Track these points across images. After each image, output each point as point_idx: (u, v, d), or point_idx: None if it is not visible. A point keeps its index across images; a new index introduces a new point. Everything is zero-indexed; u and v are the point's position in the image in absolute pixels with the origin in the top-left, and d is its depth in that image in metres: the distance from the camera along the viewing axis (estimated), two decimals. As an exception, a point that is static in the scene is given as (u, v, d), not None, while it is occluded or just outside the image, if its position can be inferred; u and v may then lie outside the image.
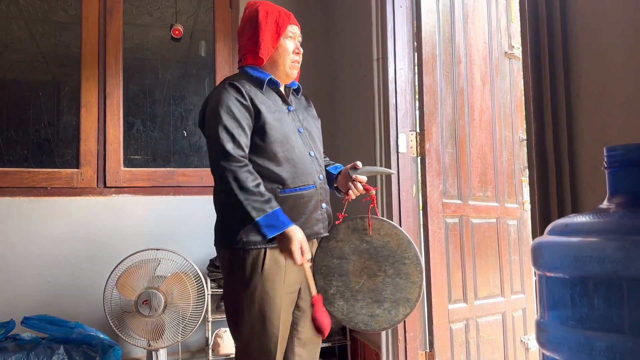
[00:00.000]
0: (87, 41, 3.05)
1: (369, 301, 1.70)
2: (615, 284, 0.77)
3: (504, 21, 2.99)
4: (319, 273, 1.74)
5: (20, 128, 2.95)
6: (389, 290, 1.69)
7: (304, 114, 1.87)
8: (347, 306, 1.71)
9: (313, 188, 1.72)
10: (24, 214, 2.81)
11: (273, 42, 1.75)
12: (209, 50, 3.32)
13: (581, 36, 1.35)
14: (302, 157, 1.73)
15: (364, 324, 1.71)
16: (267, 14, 1.76)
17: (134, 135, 3.13)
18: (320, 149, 1.87)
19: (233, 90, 1.66)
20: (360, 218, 1.74)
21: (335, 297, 1.72)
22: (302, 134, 1.79)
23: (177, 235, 2.99)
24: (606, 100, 1.27)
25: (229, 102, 1.64)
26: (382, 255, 1.70)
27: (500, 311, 2.79)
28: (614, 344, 0.76)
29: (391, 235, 1.71)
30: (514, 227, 2.96)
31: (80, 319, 2.66)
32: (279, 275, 1.66)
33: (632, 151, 0.87)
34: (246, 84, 1.71)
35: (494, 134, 2.86)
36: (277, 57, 1.76)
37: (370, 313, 1.70)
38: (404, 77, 2.52)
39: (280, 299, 1.65)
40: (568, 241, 0.85)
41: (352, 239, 1.73)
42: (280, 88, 1.82)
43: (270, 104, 1.72)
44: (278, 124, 1.69)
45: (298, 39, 1.82)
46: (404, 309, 1.68)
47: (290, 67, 1.79)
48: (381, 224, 1.73)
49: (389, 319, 1.69)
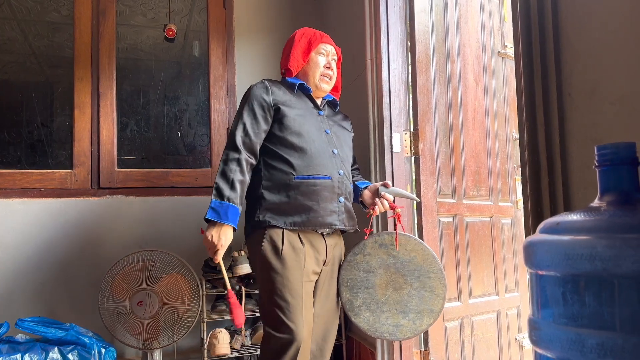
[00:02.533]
0: (80, 42, 3.03)
1: (394, 312, 1.80)
2: (606, 281, 0.77)
3: (497, 21, 3.00)
4: (345, 285, 1.83)
5: (13, 129, 2.94)
6: (414, 302, 1.80)
7: (337, 124, 2.03)
8: (373, 317, 1.80)
9: (328, 179, 1.83)
10: (17, 215, 2.79)
11: (304, 56, 1.96)
12: (202, 50, 3.32)
13: (572, 35, 1.36)
14: (321, 150, 1.86)
15: (389, 333, 1.81)
16: (303, 34, 1.99)
17: (128, 136, 3.12)
18: (348, 154, 2.00)
19: (260, 87, 1.88)
20: (387, 233, 1.85)
21: (361, 308, 1.81)
22: (329, 134, 1.93)
23: (171, 236, 2.99)
24: (597, 99, 1.28)
25: (252, 98, 1.86)
26: (408, 269, 1.81)
27: (494, 309, 2.80)
28: (605, 341, 0.76)
29: (417, 251, 1.82)
30: (508, 225, 2.98)
31: (75, 321, 2.65)
32: (298, 261, 1.76)
33: (622, 150, 0.88)
34: (277, 84, 1.92)
35: (487, 133, 2.87)
36: (307, 70, 1.97)
37: (395, 323, 1.80)
38: (397, 76, 2.53)
39: (300, 285, 1.74)
40: (559, 239, 0.85)
41: (379, 253, 1.84)
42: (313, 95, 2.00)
43: (297, 103, 1.90)
44: (299, 119, 1.86)
45: (332, 57, 2.01)
46: (428, 319, 1.80)
47: (320, 80, 1.97)
48: (408, 240, 1.84)
49: (413, 329, 1.80)
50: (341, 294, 1.83)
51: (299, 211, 1.78)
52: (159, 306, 2.49)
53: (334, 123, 2.03)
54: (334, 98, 2.09)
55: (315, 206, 1.79)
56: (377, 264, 1.83)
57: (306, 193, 1.79)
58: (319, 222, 1.80)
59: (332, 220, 1.83)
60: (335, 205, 1.84)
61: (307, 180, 1.80)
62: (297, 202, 1.78)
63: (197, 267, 2.82)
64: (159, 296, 2.50)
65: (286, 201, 1.78)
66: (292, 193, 1.78)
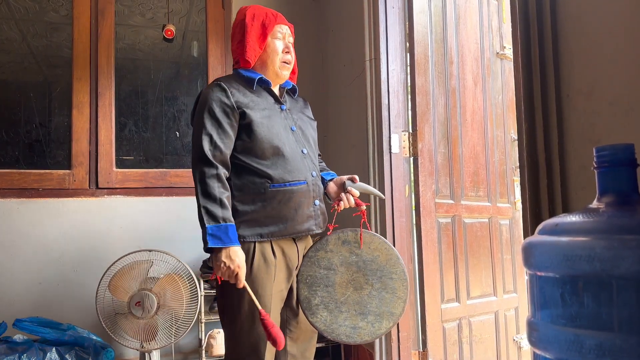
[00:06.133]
0: (79, 42, 3.03)
1: (353, 313, 1.71)
2: (604, 282, 0.77)
3: (495, 22, 3.01)
4: (304, 282, 1.73)
5: (12, 129, 2.93)
6: (374, 303, 1.71)
7: (299, 114, 1.87)
8: (331, 317, 1.71)
9: (304, 184, 1.72)
10: (15, 215, 2.79)
11: (260, 43, 1.76)
12: (201, 50, 3.31)
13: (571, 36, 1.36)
14: (293, 153, 1.73)
15: (346, 335, 1.71)
16: (254, 16, 1.76)
17: (126, 136, 3.12)
18: (314, 149, 1.87)
19: (218, 90, 1.68)
20: (351, 230, 1.74)
21: (319, 307, 1.71)
22: (295, 132, 1.79)
23: (169, 236, 2.98)
24: (595, 100, 1.28)
25: (212, 103, 1.66)
26: (370, 269, 1.72)
27: (492, 310, 2.80)
28: (603, 341, 0.76)
29: (381, 250, 1.73)
30: (506, 226, 2.98)
31: (73, 321, 2.65)
32: (269, 274, 1.66)
33: (621, 151, 0.88)
34: (235, 83, 1.72)
35: (485, 134, 2.87)
36: (265, 58, 1.77)
37: (353, 325, 1.71)
38: (396, 77, 2.53)
39: (269, 298, 1.65)
40: (558, 241, 0.85)
41: (341, 250, 1.74)
42: (274, 88, 1.82)
43: (259, 102, 1.73)
44: (266, 122, 1.70)
45: (288, 38, 1.82)
46: (387, 322, 1.70)
47: (281, 67, 1.79)
48: (372, 238, 1.74)
49: (371, 332, 1.70)
50: (299, 291, 1.72)
51: (276, 221, 1.67)
52: (157, 306, 2.49)
53: (297, 115, 1.85)
54: (293, 85, 1.90)
55: (292, 214, 1.69)
56: (339, 261, 1.73)
57: (283, 201, 1.67)
58: (297, 230, 1.70)
59: (309, 225, 1.74)
60: (311, 210, 1.74)
61: (283, 188, 1.67)
62: (273, 212, 1.66)
63: (195, 268, 2.82)
64: (157, 296, 2.50)
65: (262, 211, 1.66)
66: (267, 202, 1.66)
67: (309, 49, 3.32)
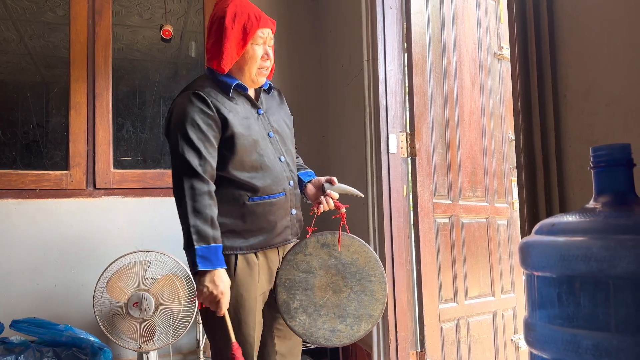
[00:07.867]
0: (76, 42, 3.03)
1: (332, 316, 1.70)
2: (601, 282, 0.78)
3: (493, 22, 3.01)
4: (283, 286, 1.71)
5: (9, 129, 2.93)
6: (353, 306, 1.70)
7: (276, 114, 1.81)
8: (309, 321, 1.70)
9: (282, 196, 1.70)
10: (12, 215, 2.78)
11: (238, 50, 1.65)
12: (199, 51, 3.31)
13: (567, 36, 1.37)
14: (273, 164, 1.69)
15: (324, 339, 1.70)
16: (235, 16, 1.65)
17: (124, 137, 3.11)
18: (292, 151, 1.83)
19: (198, 101, 1.59)
20: (330, 233, 1.73)
21: (297, 311, 1.70)
22: (273, 138, 1.74)
23: (167, 237, 2.97)
24: (592, 100, 1.28)
25: (194, 115, 1.57)
26: (349, 272, 1.71)
27: (490, 310, 2.80)
28: (600, 341, 0.77)
29: (360, 253, 1.72)
30: (504, 226, 2.98)
31: (70, 322, 2.64)
32: (252, 277, 1.65)
33: (617, 151, 0.88)
34: (212, 91, 1.64)
35: (483, 134, 2.88)
36: (243, 64, 1.68)
37: (332, 328, 1.70)
38: (394, 77, 2.53)
39: (254, 301, 1.65)
40: (555, 240, 0.86)
41: (320, 253, 1.72)
42: (249, 92, 1.75)
43: (238, 110, 1.67)
44: (247, 132, 1.64)
45: (269, 42, 1.72)
46: (366, 324, 1.70)
47: (257, 74, 1.70)
48: (351, 241, 1.73)
49: (350, 334, 1.70)
50: (278, 294, 1.71)
51: (255, 234, 1.66)
52: (154, 307, 2.48)
53: (274, 117, 1.79)
54: (269, 84, 1.82)
55: (271, 226, 1.68)
56: (318, 264, 1.71)
57: (262, 214, 1.65)
58: (274, 242, 1.70)
59: (286, 235, 1.74)
60: (288, 220, 1.73)
61: (263, 201, 1.65)
62: (252, 226, 1.65)
63: (193, 268, 2.81)
64: (155, 297, 2.49)
65: (241, 224, 1.64)
66: (247, 216, 1.64)
67: (306, 50, 3.32)
